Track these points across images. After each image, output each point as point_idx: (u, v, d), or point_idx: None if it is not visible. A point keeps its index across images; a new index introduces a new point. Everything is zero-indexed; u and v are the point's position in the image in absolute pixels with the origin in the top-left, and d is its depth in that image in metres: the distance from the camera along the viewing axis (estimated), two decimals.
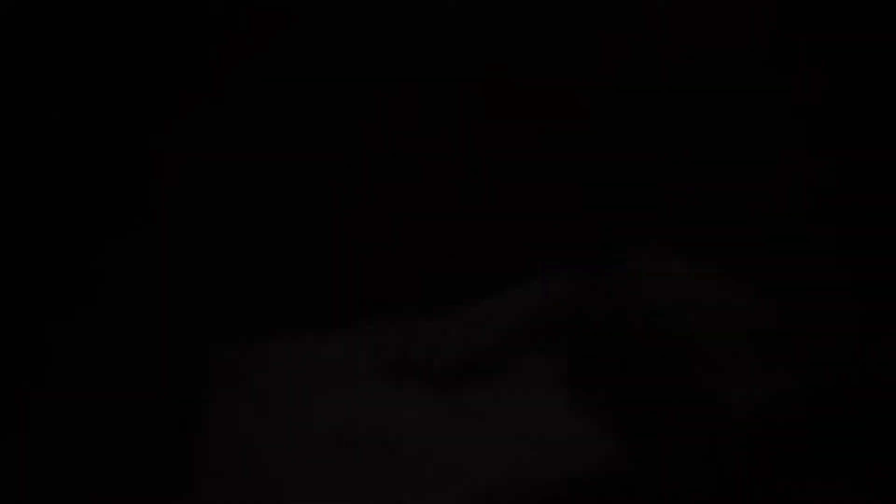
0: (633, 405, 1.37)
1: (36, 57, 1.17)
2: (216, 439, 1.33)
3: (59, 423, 1.46)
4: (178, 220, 1.59)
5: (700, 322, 1.46)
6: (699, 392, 1.36)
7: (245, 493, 1.21)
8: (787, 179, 1.88)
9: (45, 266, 1.45)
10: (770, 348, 1.48)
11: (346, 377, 1.51)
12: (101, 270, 1.54)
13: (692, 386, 1.37)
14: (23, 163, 1.26)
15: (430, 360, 1.47)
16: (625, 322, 1.55)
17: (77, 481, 1.36)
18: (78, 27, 1.14)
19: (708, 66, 1.81)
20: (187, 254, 1.66)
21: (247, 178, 1.60)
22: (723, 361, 1.42)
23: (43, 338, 1.48)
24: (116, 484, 1.38)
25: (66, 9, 1.09)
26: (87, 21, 1.14)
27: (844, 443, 1.45)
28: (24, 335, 1.47)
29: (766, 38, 1.81)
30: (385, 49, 1.52)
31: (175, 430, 1.58)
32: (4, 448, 1.35)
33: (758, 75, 1.81)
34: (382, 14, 1.46)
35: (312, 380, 1.49)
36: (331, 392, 1.47)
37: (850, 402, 1.46)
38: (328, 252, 1.82)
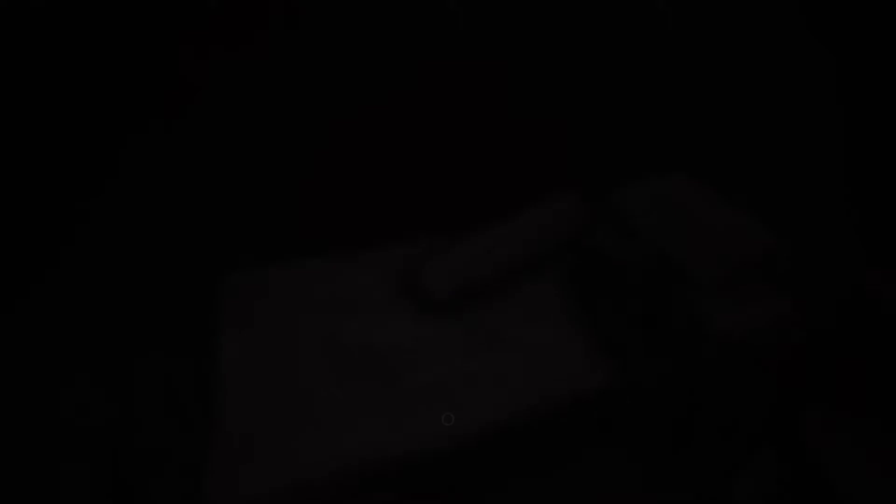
0: (629, 328, 1.40)
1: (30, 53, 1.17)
2: (232, 364, 1.35)
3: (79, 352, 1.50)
4: (189, 152, 1.58)
5: (698, 248, 1.48)
6: (695, 316, 1.39)
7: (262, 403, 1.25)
8: (788, 112, 1.87)
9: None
10: (768, 276, 1.51)
11: (357, 301, 1.55)
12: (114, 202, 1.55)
13: (688, 310, 1.40)
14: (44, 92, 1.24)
15: (436, 286, 1.50)
16: (624, 247, 1.56)
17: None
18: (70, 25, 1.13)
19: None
20: (203, 187, 1.66)
21: (261, 115, 1.59)
22: (720, 287, 1.45)
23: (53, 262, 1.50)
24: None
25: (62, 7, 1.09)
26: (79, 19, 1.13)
27: (840, 368, 1.48)
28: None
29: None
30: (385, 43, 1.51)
31: (186, 351, 1.59)
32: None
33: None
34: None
35: (324, 304, 1.54)
36: (343, 315, 1.51)
37: (846, 328, 1.49)
38: (339, 182, 1.81)
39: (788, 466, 1.33)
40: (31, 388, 1.46)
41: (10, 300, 1.51)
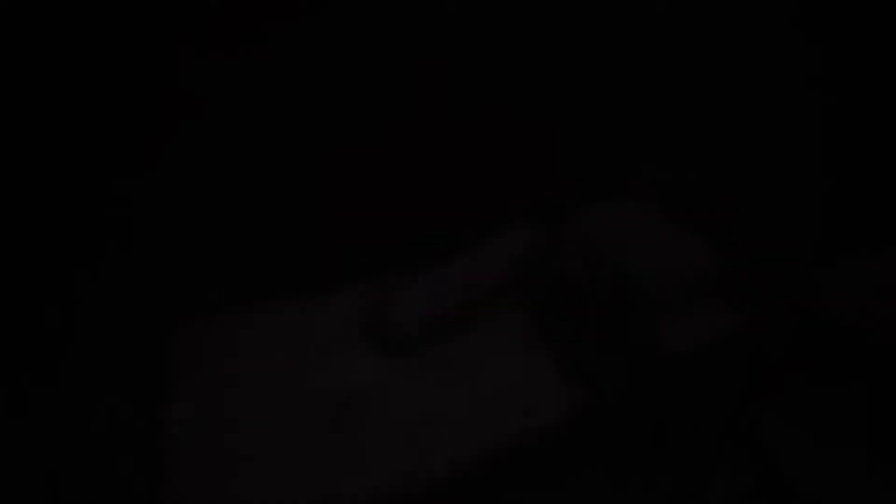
0: (596, 350, 1.43)
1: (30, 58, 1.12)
2: (188, 411, 1.26)
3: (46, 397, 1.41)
4: (151, 203, 1.52)
5: (654, 268, 1.56)
6: (657, 333, 1.45)
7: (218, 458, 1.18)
8: (734, 134, 2.00)
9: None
10: (716, 291, 1.59)
11: (320, 345, 1.49)
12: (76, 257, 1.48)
13: (650, 328, 1.45)
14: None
15: (406, 321, 1.46)
16: (585, 271, 1.60)
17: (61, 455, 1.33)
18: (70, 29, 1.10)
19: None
20: (161, 235, 1.58)
21: (223, 157, 1.54)
22: (677, 305, 1.51)
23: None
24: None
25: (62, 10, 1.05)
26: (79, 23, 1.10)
27: (788, 379, 1.60)
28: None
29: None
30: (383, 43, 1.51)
31: (146, 399, 1.53)
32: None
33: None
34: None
35: (291, 348, 1.47)
36: (311, 358, 1.45)
37: (792, 340, 1.60)
38: (303, 225, 1.77)
39: (758, 467, 1.44)
40: None
41: None
